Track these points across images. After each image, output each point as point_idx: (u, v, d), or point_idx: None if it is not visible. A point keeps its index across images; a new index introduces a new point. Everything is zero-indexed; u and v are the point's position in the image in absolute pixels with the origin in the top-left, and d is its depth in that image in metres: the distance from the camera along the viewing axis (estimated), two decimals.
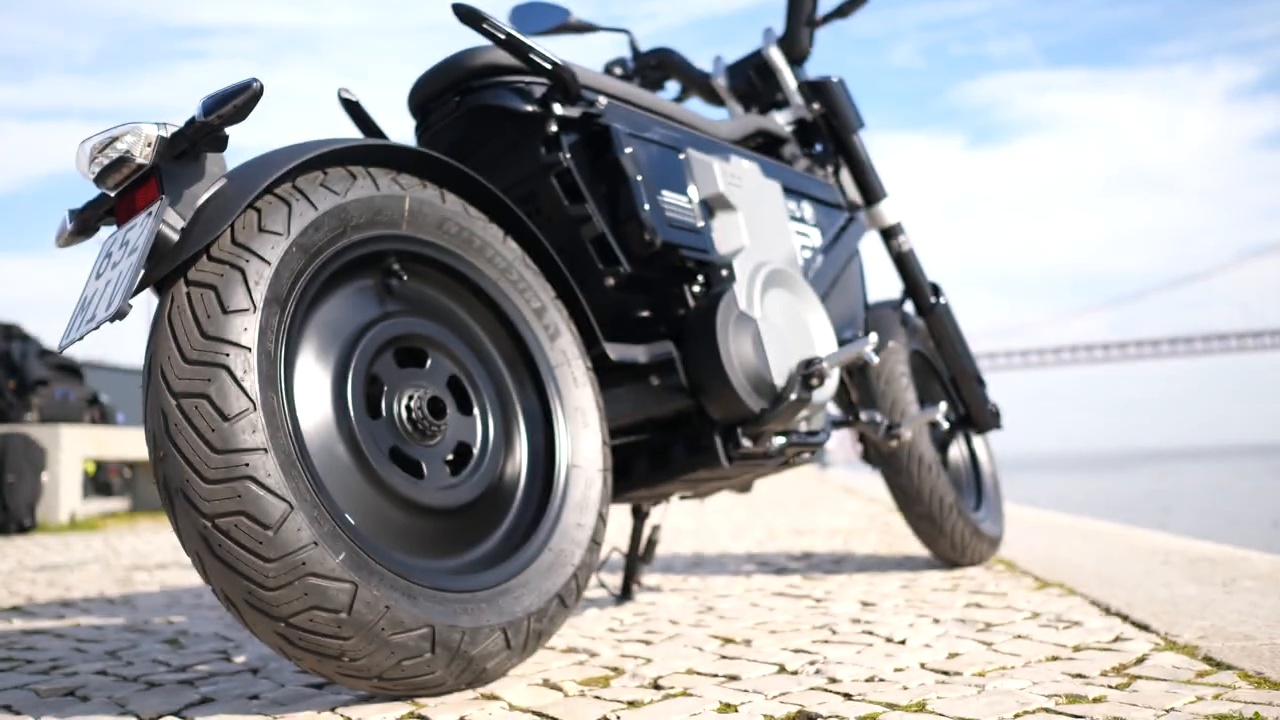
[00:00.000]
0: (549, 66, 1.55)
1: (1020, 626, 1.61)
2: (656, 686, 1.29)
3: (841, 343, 2.18)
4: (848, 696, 1.19)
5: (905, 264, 2.47)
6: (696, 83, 2.48)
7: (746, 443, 1.68)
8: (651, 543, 2.13)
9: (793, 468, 1.90)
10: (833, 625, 1.69)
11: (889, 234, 2.45)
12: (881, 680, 1.27)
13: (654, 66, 2.52)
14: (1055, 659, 1.37)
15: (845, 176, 2.46)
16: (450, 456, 1.39)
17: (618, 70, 2.54)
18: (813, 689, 1.24)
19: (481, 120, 1.63)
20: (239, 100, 1.15)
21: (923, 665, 1.35)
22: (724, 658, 1.46)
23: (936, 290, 2.50)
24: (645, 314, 1.76)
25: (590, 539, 1.45)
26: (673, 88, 2.61)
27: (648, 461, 1.77)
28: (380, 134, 1.67)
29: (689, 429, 1.73)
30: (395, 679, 1.20)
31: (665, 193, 1.68)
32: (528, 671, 1.43)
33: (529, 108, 1.60)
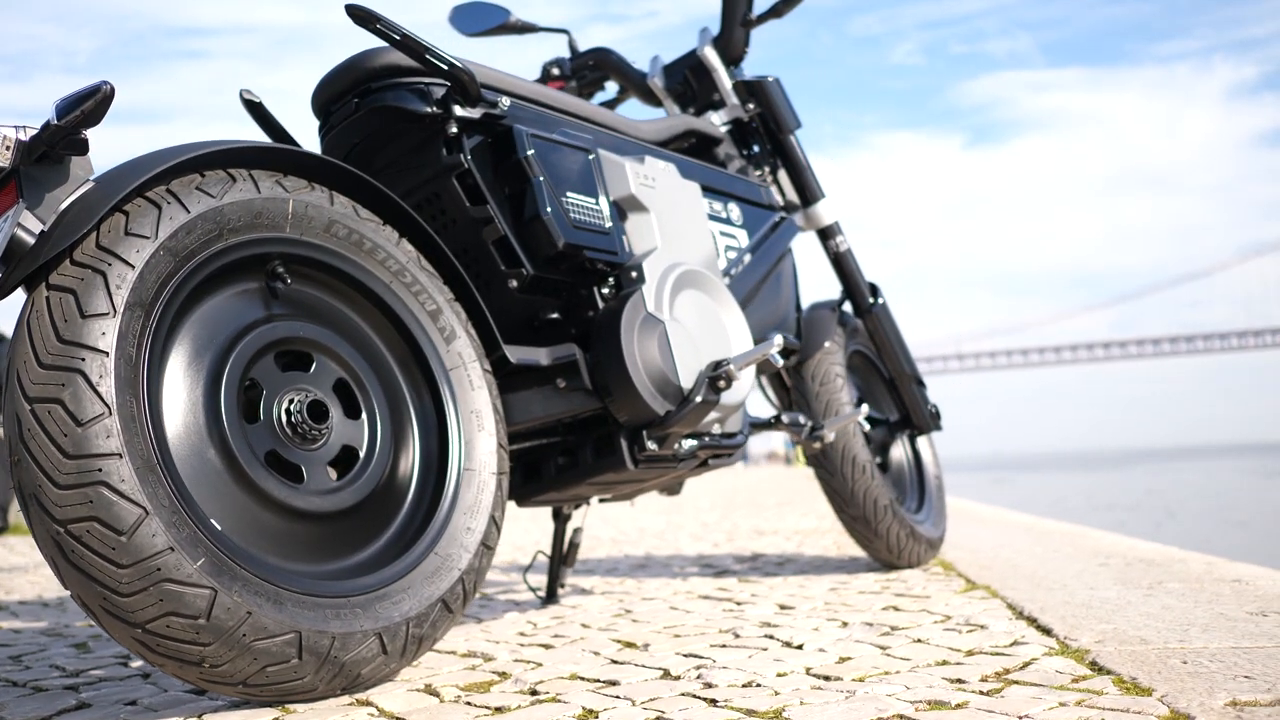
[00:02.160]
0: (446, 67, 1.54)
1: (925, 630, 1.60)
2: (533, 692, 1.28)
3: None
4: (713, 703, 1.18)
5: (843, 264, 2.46)
6: (634, 83, 2.47)
7: (652, 445, 1.67)
8: (573, 545, 2.12)
9: (711, 470, 1.89)
10: (739, 629, 1.68)
11: (826, 234, 2.44)
12: (758, 685, 1.26)
13: (591, 66, 2.52)
14: (944, 663, 1.36)
15: (785, 177, 2.46)
16: (334, 461, 1.38)
17: (555, 70, 2.53)
18: (684, 694, 1.23)
19: (383, 122, 1.62)
20: (90, 104, 1.14)
21: (808, 670, 1.34)
22: (614, 662, 1.45)
23: (875, 291, 2.49)
24: (555, 316, 1.76)
25: (480, 543, 1.44)
26: (613, 88, 2.61)
27: (557, 464, 1.76)
28: (285, 135, 1.66)
29: (597, 432, 1.73)
30: (261, 685, 1.19)
31: (571, 194, 1.67)
32: (414, 676, 1.42)
33: (428, 109, 1.59)
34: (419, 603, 1.34)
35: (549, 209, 1.61)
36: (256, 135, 1.66)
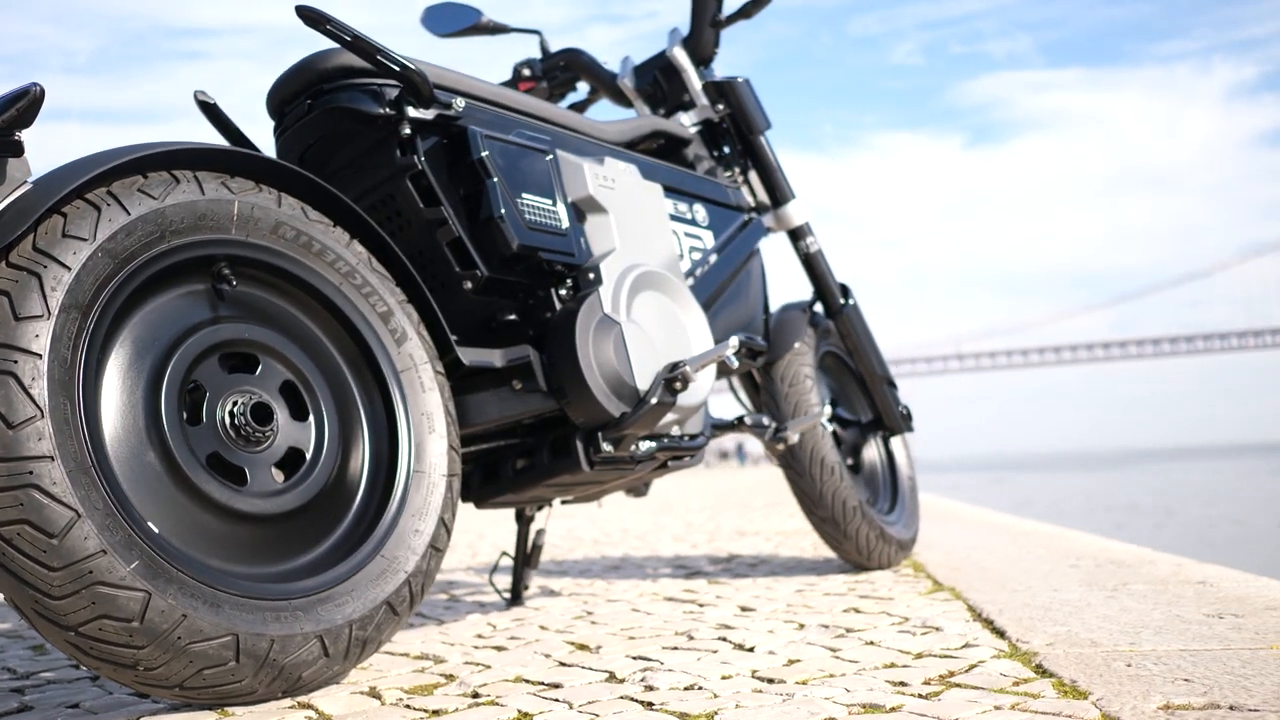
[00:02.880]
0: (397, 68, 1.54)
1: (879, 632, 1.60)
2: (475, 695, 1.28)
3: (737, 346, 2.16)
4: (649, 705, 1.18)
5: (813, 265, 2.45)
6: (604, 84, 2.47)
7: (608, 447, 1.67)
8: (536, 547, 2.12)
9: (671, 471, 1.89)
10: (695, 631, 1.67)
11: (796, 235, 2.44)
12: (699, 689, 1.26)
13: (563, 67, 2.52)
14: (891, 665, 1.35)
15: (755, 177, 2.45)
16: (280, 463, 1.38)
17: (526, 71, 2.52)
18: (623, 697, 1.22)
19: (336, 123, 1.62)
20: (20, 105, 1.13)
21: (754, 672, 1.34)
22: (563, 665, 1.44)
23: (846, 291, 2.48)
24: (513, 318, 1.75)
25: (429, 545, 1.44)
26: (585, 89, 2.61)
27: (515, 466, 1.76)
28: (241, 137, 1.66)
29: (555, 434, 1.72)
30: (198, 688, 1.19)
31: (526, 195, 1.67)
32: (362, 678, 1.42)
33: (380, 110, 1.59)
34: (363, 605, 1.33)
35: (503, 210, 1.61)
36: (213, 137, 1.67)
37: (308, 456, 1.40)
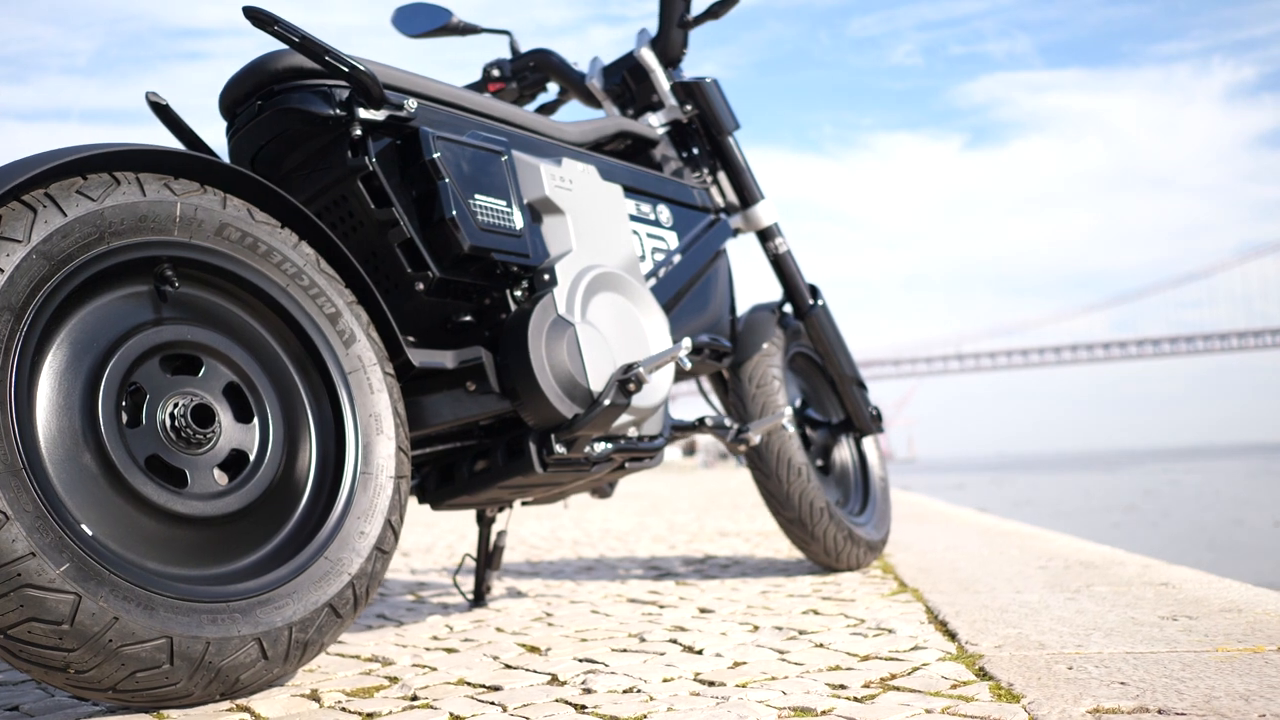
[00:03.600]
0: (346, 69, 1.53)
1: (832, 634, 1.60)
2: (414, 698, 1.28)
3: (701, 347, 2.16)
4: (581, 709, 1.17)
5: (782, 266, 2.45)
6: (573, 84, 2.47)
7: (560, 449, 1.67)
8: (498, 548, 2.12)
9: (629, 473, 1.89)
10: (648, 634, 1.67)
11: (765, 236, 2.43)
12: (637, 692, 1.25)
13: (532, 68, 2.51)
14: (836, 668, 1.35)
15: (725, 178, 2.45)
16: (224, 465, 1.37)
17: (495, 72, 2.52)
18: (558, 700, 1.22)
19: (287, 124, 1.61)
20: None
21: (696, 675, 1.34)
22: (508, 668, 1.44)
23: (815, 292, 2.48)
24: (468, 319, 1.75)
25: (374, 547, 1.43)
26: (555, 89, 2.60)
27: (470, 467, 1.75)
28: (194, 138, 1.65)
29: (509, 435, 1.72)
30: (131, 691, 1.18)
31: (480, 196, 1.66)
32: (306, 680, 1.41)
33: (330, 111, 1.58)
34: (304, 608, 1.33)
35: (454, 211, 1.60)
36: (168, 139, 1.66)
37: (251, 458, 1.40)
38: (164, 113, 1.63)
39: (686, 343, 1.70)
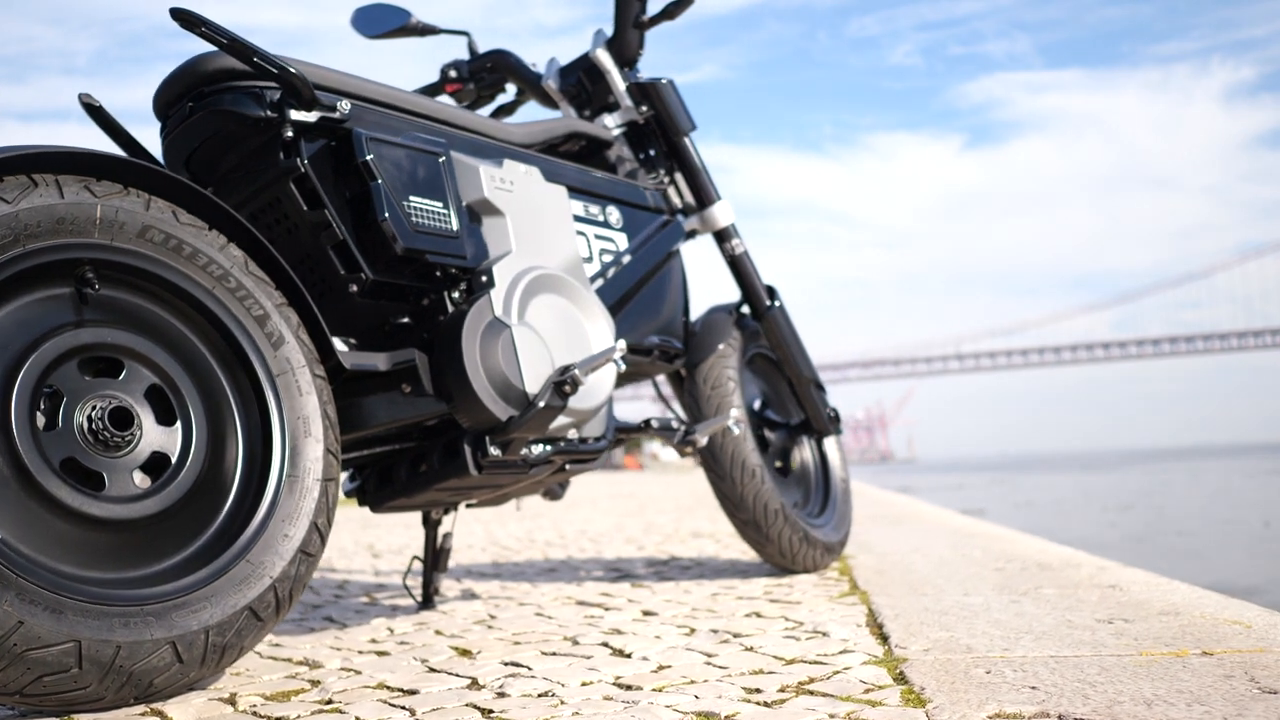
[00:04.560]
0: (275, 70, 1.53)
1: (766, 637, 1.59)
2: (328, 702, 1.27)
3: (650, 348, 2.16)
4: (487, 714, 1.17)
5: (739, 267, 2.45)
6: (530, 85, 2.46)
7: (495, 451, 1.66)
8: (444, 550, 2.11)
9: (570, 475, 1.88)
10: (583, 636, 1.67)
11: (722, 237, 2.43)
12: (551, 695, 1.25)
13: (490, 69, 2.51)
14: (758, 672, 1.35)
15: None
16: (146, 467, 1.37)
17: (453, 73, 2.52)
18: (469, 704, 1.22)
19: (218, 125, 1.61)
20: None
21: (616, 679, 1.33)
22: (432, 671, 1.44)
23: (772, 293, 2.47)
24: (406, 320, 1.74)
25: (299, 550, 1.43)
26: (514, 90, 2.60)
27: (407, 470, 1.75)
28: (129, 139, 1.65)
29: (446, 437, 1.71)
30: (40, 695, 1.18)
31: (415, 198, 1.66)
32: (227, 683, 1.41)
33: (261, 113, 1.58)
34: (222, 611, 1.32)
35: (386, 213, 1.60)
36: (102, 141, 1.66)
37: (173, 461, 1.39)
38: (98, 114, 1.62)
39: (621, 344, 1.70)
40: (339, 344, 1.70)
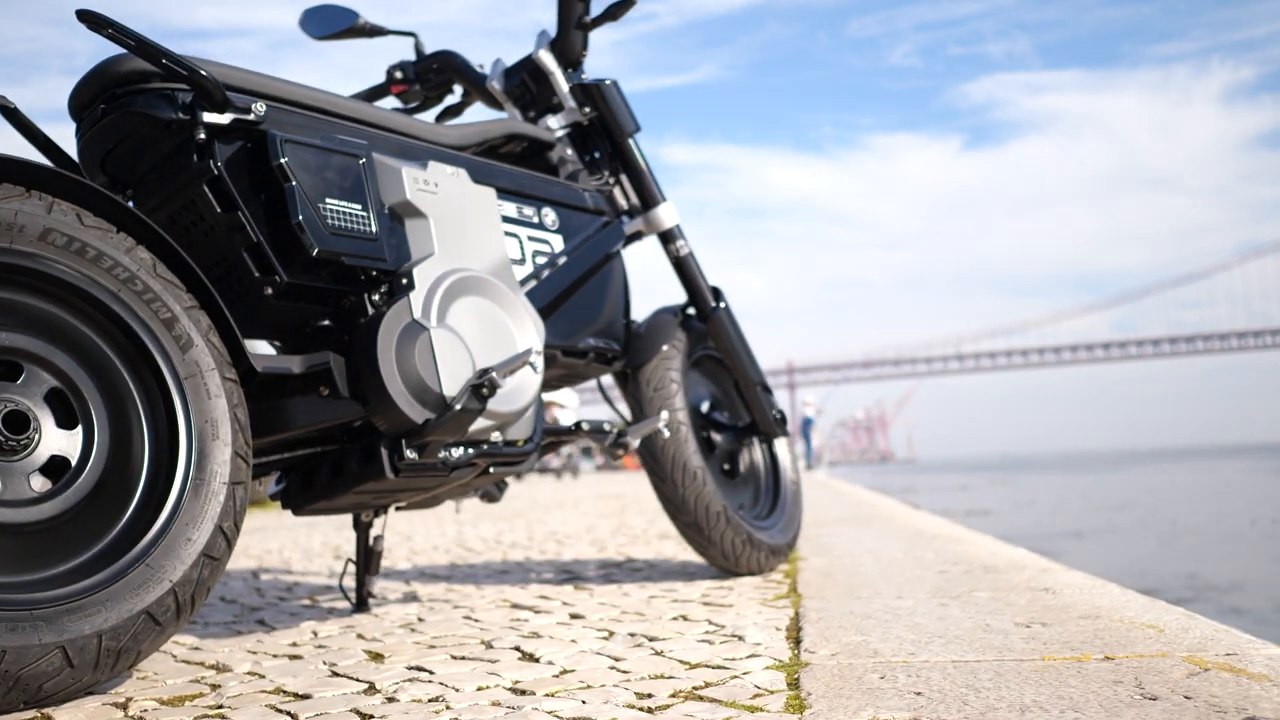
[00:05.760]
0: (185, 72, 1.52)
1: (680, 642, 1.59)
2: (219, 706, 1.27)
3: (586, 350, 2.15)
4: (367, 719, 1.16)
5: (684, 268, 2.44)
6: (475, 86, 2.46)
7: (411, 454, 1.66)
8: (375, 553, 2.11)
9: (496, 478, 1.88)
10: (498, 640, 1.66)
11: (666, 238, 2.42)
12: (438, 700, 1.25)
13: (435, 70, 2.50)
14: (659, 677, 1.34)
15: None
16: (46, 471, 1.36)
17: (398, 74, 2.51)
18: (351, 710, 1.21)
19: (131, 127, 1.60)
20: None
21: (513, 684, 1.33)
22: (334, 675, 1.43)
23: (718, 294, 2.47)
24: (327, 323, 1.74)
25: (201, 554, 1.42)
26: (461, 91, 2.59)
27: (329, 473, 1.74)
28: (45, 140, 1.64)
29: (366, 440, 1.71)
30: None
31: (331, 200, 1.65)
32: (128, 687, 1.41)
33: (174, 115, 1.57)
34: (117, 615, 1.32)
35: (300, 216, 1.59)
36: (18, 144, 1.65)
37: (73, 464, 1.39)
38: (13, 116, 1.62)
39: (536, 347, 1.69)
40: (259, 346, 1.69)
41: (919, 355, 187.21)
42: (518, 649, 1.58)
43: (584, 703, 1.20)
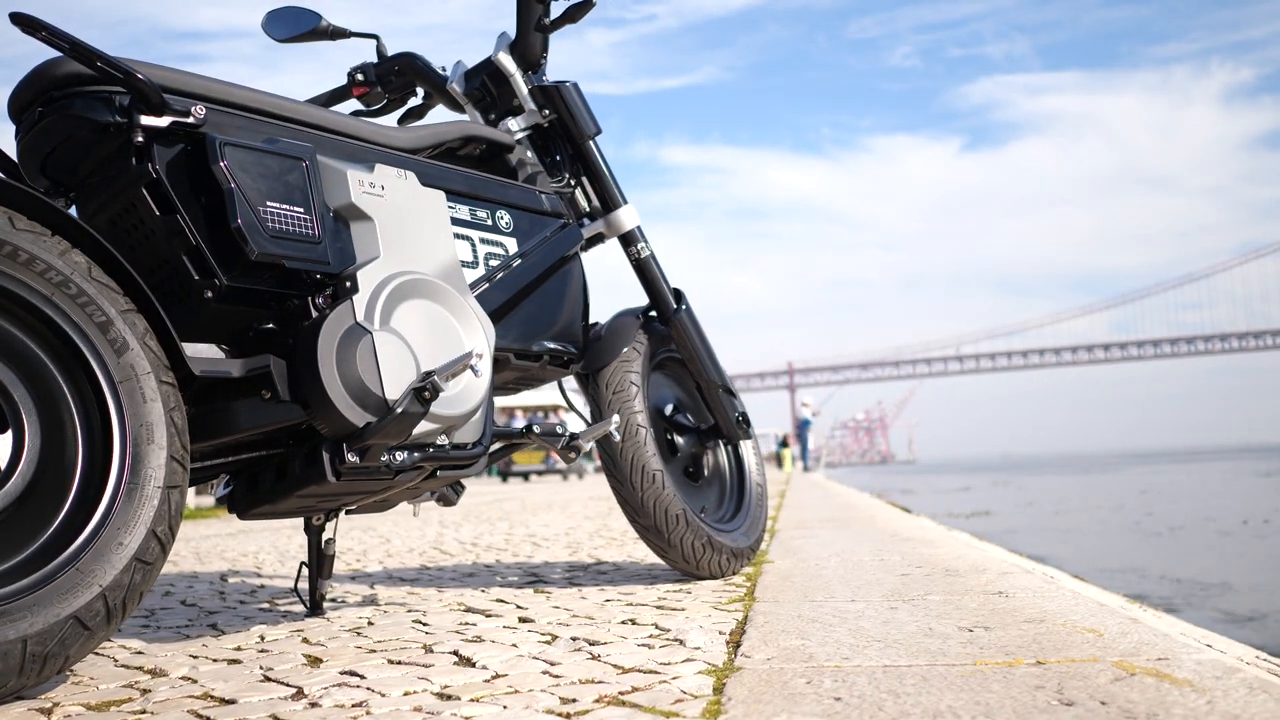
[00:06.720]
0: (120, 75, 1.52)
1: (621, 646, 1.58)
2: (142, 711, 1.26)
3: (540, 354, 2.14)
4: None
5: (645, 270, 2.44)
6: (436, 88, 2.45)
7: (353, 458, 1.65)
8: (327, 556, 2.10)
9: (444, 482, 1.87)
10: (439, 645, 1.66)
11: (627, 240, 2.42)
12: (363, 705, 1.24)
13: (397, 72, 2.50)
14: (589, 681, 1.34)
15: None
16: None
17: (360, 76, 2.51)
18: (268, 716, 1.21)
19: (69, 130, 1.60)
20: None
21: (441, 690, 1.32)
22: (266, 680, 1.43)
23: (679, 297, 2.47)
24: (271, 326, 1.73)
25: (134, 558, 1.42)
26: (424, 93, 2.59)
27: (272, 477, 1.73)
28: None
29: (309, 444, 1.70)
30: None
31: (272, 203, 1.64)
32: (60, 692, 1.40)
33: (111, 118, 1.57)
34: (44, 620, 1.31)
35: (240, 219, 1.58)
36: None
37: (1, 468, 1.38)
38: None
39: (477, 348, 1.68)
40: (204, 349, 1.69)
41: (919, 356, 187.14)
42: (456, 653, 1.57)
43: (505, 708, 1.20)
